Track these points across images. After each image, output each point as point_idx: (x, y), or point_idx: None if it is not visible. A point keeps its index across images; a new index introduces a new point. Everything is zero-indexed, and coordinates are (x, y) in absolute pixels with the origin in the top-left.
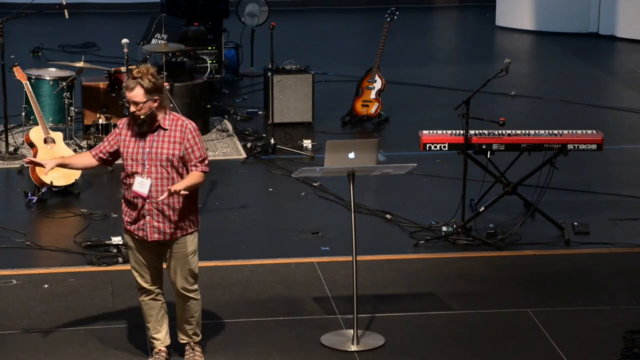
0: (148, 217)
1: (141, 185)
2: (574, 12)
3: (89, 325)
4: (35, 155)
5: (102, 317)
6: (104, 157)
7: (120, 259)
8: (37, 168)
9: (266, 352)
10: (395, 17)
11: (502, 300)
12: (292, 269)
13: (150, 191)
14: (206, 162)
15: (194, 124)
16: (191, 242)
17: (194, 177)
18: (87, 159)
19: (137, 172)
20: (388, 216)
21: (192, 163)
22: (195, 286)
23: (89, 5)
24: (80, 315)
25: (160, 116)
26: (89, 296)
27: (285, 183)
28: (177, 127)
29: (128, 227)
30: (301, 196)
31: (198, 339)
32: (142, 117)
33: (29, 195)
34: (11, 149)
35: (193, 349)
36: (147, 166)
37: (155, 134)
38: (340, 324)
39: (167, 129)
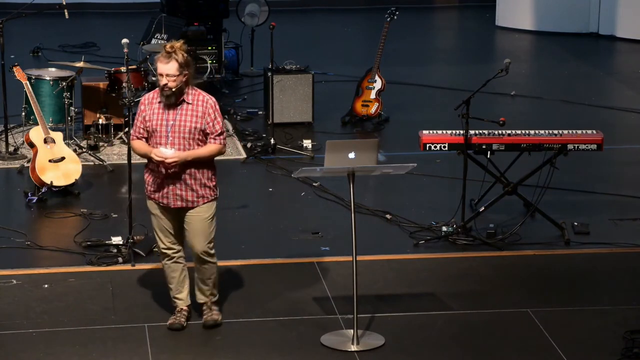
0: (171, 186)
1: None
2: (574, 12)
3: (89, 325)
4: (35, 155)
5: (102, 317)
6: (145, 136)
7: (120, 259)
8: (37, 168)
9: (266, 352)
10: (395, 17)
11: (502, 300)
12: (292, 269)
13: None
14: (223, 135)
15: (214, 99)
16: (209, 207)
17: (207, 148)
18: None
19: (160, 144)
20: (388, 216)
21: (212, 136)
22: (213, 250)
23: (89, 5)
24: (80, 315)
25: (185, 90)
26: (89, 296)
27: (285, 183)
28: (199, 101)
29: (152, 195)
30: (301, 196)
31: (215, 298)
32: (173, 89)
33: (29, 195)
34: (11, 149)
35: (210, 308)
36: (171, 138)
37: (179, 107)
38: (340, 324)
39: (190, 103)
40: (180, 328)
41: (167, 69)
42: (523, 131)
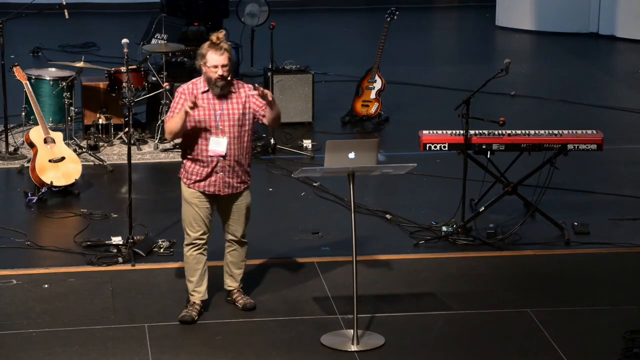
0: (221, 173)
1: (217, 144)
2: (574, 12)
3: (89, 325)
4: (35, 155)
5: (102, 317)
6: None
7: (120, 259)
8: (37, 168)
9: (266, 352)
10: (395, 17)
11: (502, 300)
12: (292, 269)
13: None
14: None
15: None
16: (249, 193)
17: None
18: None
19: (210, 133)
20: (388, 216)
21: (263, 109)
22: None
23: (89, 5)
24: (80, 315)
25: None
26: (89, 296)
27: (285, 183)
28: (240, 88)
29: (196, 184)
30: (301, 196)
31: (241, 285)
32: (228, 79)
33: (29, 195)
34: (11, 149)
35: (242, 293)
36: (221, 126)
37: (227, 96)
38: (340, 324)
39: (235, 92)
40: (191, 321)
41: (222, 60)
42: (523, 131)
